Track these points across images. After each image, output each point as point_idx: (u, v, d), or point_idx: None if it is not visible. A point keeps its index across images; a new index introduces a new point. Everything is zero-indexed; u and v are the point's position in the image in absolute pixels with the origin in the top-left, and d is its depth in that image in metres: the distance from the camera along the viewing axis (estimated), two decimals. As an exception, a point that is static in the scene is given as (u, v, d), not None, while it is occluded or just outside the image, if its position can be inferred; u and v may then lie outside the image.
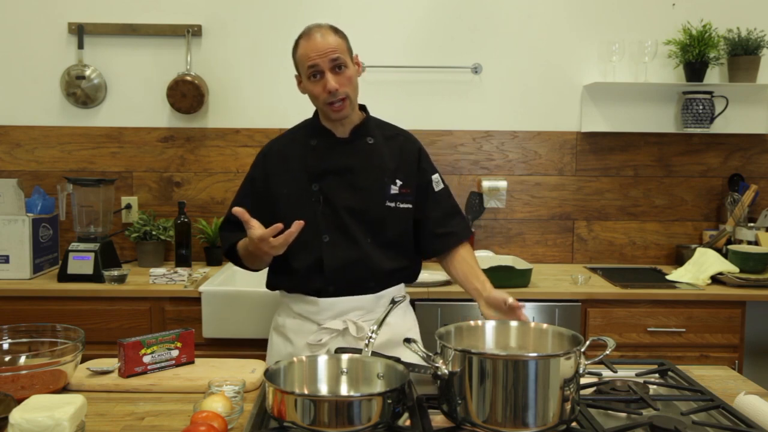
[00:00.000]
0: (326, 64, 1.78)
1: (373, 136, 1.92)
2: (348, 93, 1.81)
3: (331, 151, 1.89)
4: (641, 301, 2.67)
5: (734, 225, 3.10)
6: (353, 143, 1.90)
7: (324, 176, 1.87)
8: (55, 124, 3.17)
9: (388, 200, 1.88)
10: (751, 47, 3.02)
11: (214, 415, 1.25)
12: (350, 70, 1.81)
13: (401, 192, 1.90)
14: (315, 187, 1.86)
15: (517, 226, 3.25)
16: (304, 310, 1.89)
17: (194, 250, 3.10)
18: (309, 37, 1.81)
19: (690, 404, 1.43)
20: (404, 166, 1.92)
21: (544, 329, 1.43)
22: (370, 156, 1.90)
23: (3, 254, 2.74)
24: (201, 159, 3.19)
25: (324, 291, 1.86)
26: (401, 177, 1.90)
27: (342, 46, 1.81)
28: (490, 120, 3.21)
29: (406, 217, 1.91)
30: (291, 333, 1.91)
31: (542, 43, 3.19)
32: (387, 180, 1.88)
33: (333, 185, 1.86)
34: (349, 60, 1.83)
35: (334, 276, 1.84)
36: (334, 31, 1.83)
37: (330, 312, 1.86)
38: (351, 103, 1.83)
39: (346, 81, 1.80)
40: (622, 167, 3.25)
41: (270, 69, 3.16)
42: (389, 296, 1.89)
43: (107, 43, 3.15)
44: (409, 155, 1.94)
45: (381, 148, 1.92)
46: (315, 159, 1.88)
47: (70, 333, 1.59)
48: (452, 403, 1.27)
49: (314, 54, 1.78)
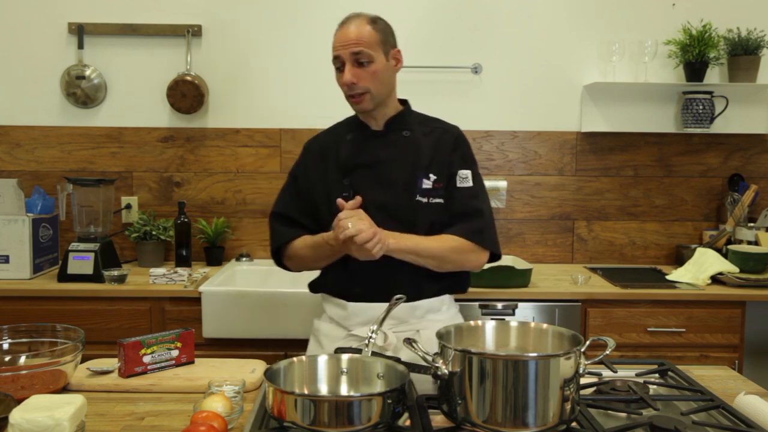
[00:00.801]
0: (348, 56, 1.74)
1: (411, 129, 1.86)
2: (369, 88, 1.76)
3: (364, 145, 1.85)
4: (641, 301, 2.67)
5: (734, 225, 3.10)
6: (387, 136, 1.85)
7: (354, 170, 1.82)
8: (55, 124, 3.17)
9: (419, 195, 1.79)
10: (751, 47, 3.02)
11: (214, 415, 1.25)
12: (377, 64, 1.75)
13: (435, 187, 1.80)
14: (346, 182, 1.82)
15: (517, 226, 3.25)
16: (336, 314, 1.85)
17: (194, 250, 3.10)
18: (342, 26, 1.78)
19: (690, 404, 1.43)
20: (439, 158, 1.82)
21: (544, 329, 1.43)
22: (404, 149, 1.83)
23: (3, 254, 2.74)
24: (201, 159, 3.19)
25: (351, 293, 1.80)
26: (435, 171, 1.81)
27: (372, 38, 1.75)
28: (490, 120, 3.21)
29: (439, 214, 1.80)
30: (323, 337, 1.87)
31: (542, 43, 3.19)
32: (419, 174, 1.80)
33: (363, 179, 1.81)
34: (380, 54, 1.76)
35: (359, 276, 1.78)
36: (371, 22, 1.77)
37: (359, 318, 1.79)
38: (373, 97, 1.78)
39: (368, 75, 1.75)
40: (622, 167, 3.25)
41: (270, 69, 3.16)
42: (425, 308, 1.81)
43: (107, 43, 3.15)
44: (444, 146, 1.84)
45: (418, 141, 1.84)
46: (348, 153, 1.85)
47: (70, 333, 1.59)
48: (452, 403, 1.27)
49: (339, 44, 1.76)
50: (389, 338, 1.76)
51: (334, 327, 1.86)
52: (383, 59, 1.77)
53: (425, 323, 1.81)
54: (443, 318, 1.84)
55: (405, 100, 1.92)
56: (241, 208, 3.20)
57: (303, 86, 3.15)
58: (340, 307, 1.84)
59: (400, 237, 1.72)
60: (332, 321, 1.87)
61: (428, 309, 1.82)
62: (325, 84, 3.14)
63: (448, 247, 1.77)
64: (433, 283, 1.81)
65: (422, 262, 1.75)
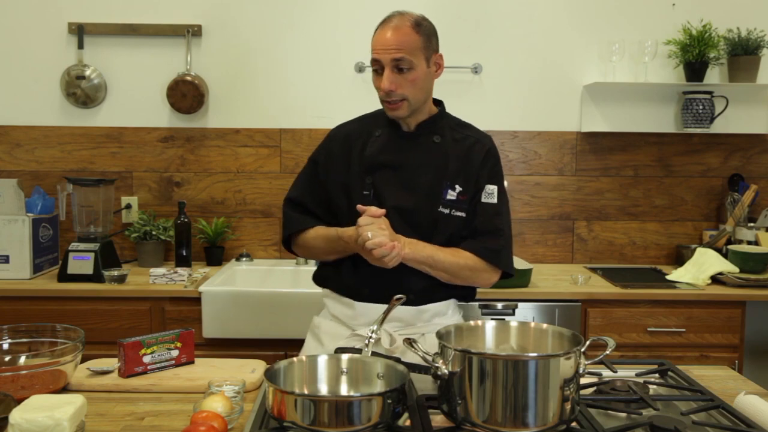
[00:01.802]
0: (388, 61, 1.67)
1: (442, 135, 1.79)
2: (407, 96, 1.70)
3: (392, 144, 1.79)
4: (641, 301, 2.67)
5: (734, 225, 3.10)
6: (417, 139, 1.78)
7: (379, 169, 1.76)
8: (55, 124, 3.17)
9: (442, 205, 1.75)
10: (751, 47, 3.02)
11: (214, 415, 1.25)
12: (417, 71, 1.69)
13: (459, 198, 1.75)
14: (368, 180, 1.76)
15: (517, 226, 3.25)
16: (341, 312, 1.81)
17: (194, 250, 3.10)
18: (383, 27, 1.70)
19: (690, 404, 1.43)
20: (467, 169, 1.77)
21: (544, 329, 1.43)
22: (433, 155, 1.77)
23: (3, 254, 2.74)
24: (201, 159, 3.19)
25: (358, 293, 1.77)
26: (461, 182, 1.76)
27: (415, 44, 1.68)
28: (490, 120, 3.21)
29: (458, 227, 1.76)
30: (324, 335, 1.83)
31: (542, 43, 3.19)
32: (445, 183, 1.75)
33: (386, 180, 1.76)
34: (421, 60, 1.69)
35: (368, 278, 1.74)
36: (414, 26, 1.69)
37: (365, 318, 1.75)
38: (410, 104, 1.72)
39: (407, 83, 1.68)
40: (622, 167, 3.25)
41: (270, 69, 3.16)
42: (433, 312, 1.79)
43: (107, 43, 3.15)
44: (474, 158, 1.78)
45: (447, 148, 1.78)
46: (374, 149, 1.79)
47: (70, 333, 1.59)
48: (452, 403, 1.27)
49: (380, 47, 1.68)
50: (396, 341, 1.73)
51: (337, 325, 1.83)
52: (424, 66, 1.71)
53: (432, 327, 1.78)
54: (448, 322, 1.82)
55: (440, 101, 1.86)
56: (241, 208, 3.20)
57: (303, 86, 3.15)
58: (346, 306, 1.80)
59: (417, 246, 1.70)
60: (335, 319, 1.84)
61: (435, 313, 1.81)
62: (325, 84, 3.15)
63: (462, 264, 1.75)
64: (443, 290, 1.80)
65: (434, 274, 1.74)
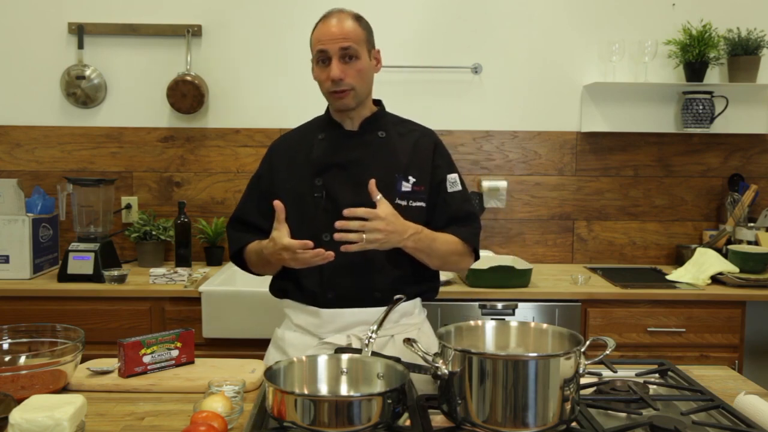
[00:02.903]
0: (335, 50, 1.70)
1: (386, 130, 1.82)
2: (354, 85, 1.72)
3: (338, 144, 1.79)
4: (641, 301, 2.67)
5: (734, 225, 3.10)
6: (362, 137, 1.79)
7: (328, 170, 1.76)
8: (55, 124, 3.17)
9: (398, 198, 1.74)
10: (751, 47, 3.02)
11: (214, 415, 1.25)
12: (362, 62, 1.72)
13: (414, 189, 1.76)
14: (318, 182, 1.76)
15: (517, 226, 3.25)
16: (306, 321, 1.76)
17: (194, 250, 3.10)
18: (326, 20, 1.74)
19: (690, 404, 1.43)
20: (418, 161, 1.79)
21: (544, 329, 1.43)
22: (380, 150, 1.78)
23: (3, 254, 2.74)
24: (201, 159, 3.19)
25: (323, 298, 1.73)
26: (414, 173, 1.77)
27: (359, 36, 1.72)
28: (490, 120, 3.21)
29: (418, 217, 1.74)
30: (289, 347, 1.78)
31: (542, 43, 3.19)
32: (398, 176, 1.75)
33: (337, 180, 1.75)
34: (365, 52, 1.74)
35: (333, 280, 1.72)
36: (355, 19, 1.74)
37: (332, 325, 1.73)
38: (356, 95, 1.74)
39: (354, 72, 1.71)
40: (622, 167, 3.25)
41: (270, 69, 3.16)
42: (400, 312, 1.75)
43: (107, 43, 3.15)
44: (423, 150, 1.81)
45: (394, 142, 1.80)
46: (320, 152, 1.79)
47: (70, 333, 1.59)
48: (452, 403, 1.27)
49: (326, 38, 1.71)
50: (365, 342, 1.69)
51: (302, 335, 1.78)
52: (367, 58, 1.75)
53: (399, 328, 1.77)
54: (416, 322, 1.82)
55: (379, 100, 1.89)
56: (241, 208, 3.20)
57: (303, 86, 3.14)
58: (310, 315, 1.76)
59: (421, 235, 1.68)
60: (299, 329, 1.79)
61: (403, 313, 1.78)
62: (325, 84, 3.15)
63: (453, 250, 1.77)
64: (409, 288, 1.77)
65: (427, 261, 1.75)
